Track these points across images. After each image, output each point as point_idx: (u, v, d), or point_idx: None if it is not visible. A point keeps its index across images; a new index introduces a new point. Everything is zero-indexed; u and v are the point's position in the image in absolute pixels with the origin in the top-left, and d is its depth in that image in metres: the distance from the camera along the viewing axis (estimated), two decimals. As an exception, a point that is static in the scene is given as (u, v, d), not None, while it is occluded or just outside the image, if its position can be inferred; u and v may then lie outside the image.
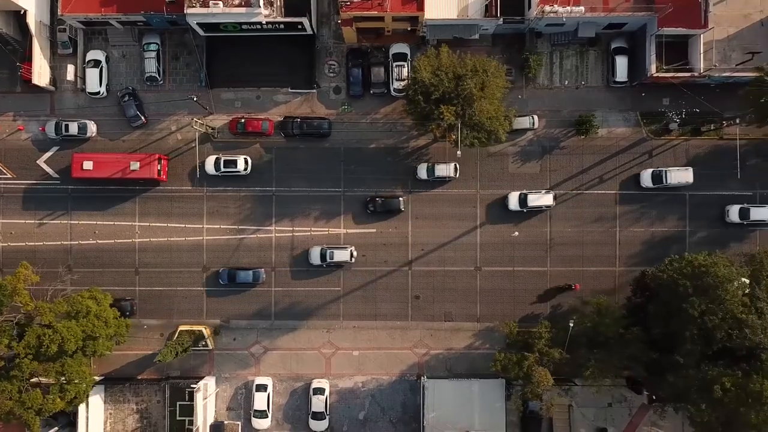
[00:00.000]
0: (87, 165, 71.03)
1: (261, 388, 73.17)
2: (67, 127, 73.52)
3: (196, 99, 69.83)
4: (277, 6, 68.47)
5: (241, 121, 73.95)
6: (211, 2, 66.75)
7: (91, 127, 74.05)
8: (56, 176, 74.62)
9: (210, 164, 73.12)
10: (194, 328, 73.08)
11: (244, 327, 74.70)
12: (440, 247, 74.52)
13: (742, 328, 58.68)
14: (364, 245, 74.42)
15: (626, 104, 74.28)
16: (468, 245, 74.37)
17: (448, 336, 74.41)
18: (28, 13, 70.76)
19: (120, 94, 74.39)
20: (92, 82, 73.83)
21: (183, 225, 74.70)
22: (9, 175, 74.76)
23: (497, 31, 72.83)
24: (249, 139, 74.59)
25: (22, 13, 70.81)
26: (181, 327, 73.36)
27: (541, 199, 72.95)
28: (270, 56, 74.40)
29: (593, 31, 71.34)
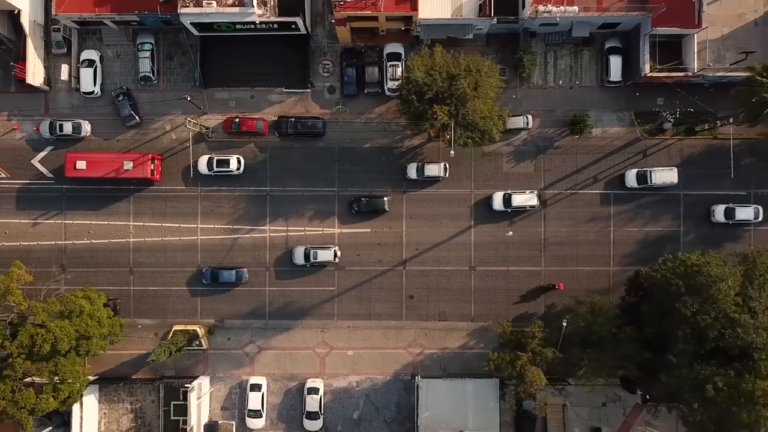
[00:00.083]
0: (80, 164, 70.97)
1: (255, 388, 73.13)
2: (62, 127, 73.43)
3: (190, 99, 69.86)
4: (271, 6, 68.40)
5: (236, 121, 73.94)
6: (205, 2, 66.68)
7: (86, 127, 74.00)
8: (50, 176, 74.53)
9: (203, 164, 73.07)
10: (189, 328, 73.03)
11: (239, 326, 74.67)
12: (434, 247, 74.45)
13: (735, 328, 58.66)
14: (359, 245, 74.41)
15: (620, 104, 74.22)
16: (462, 245, 74.32)
17: (443, 335, 74.40)
18: (22, 13, 70.65)
19: (114, 94, 74.29)
20: (86, 82, 73.69)
21: (177, 225, 74.67)
22: (3, 175, 74.64)
23: (491, 31, 72.81)
24: (243, 139, 74.52)
25: (16, 13, 70.73)
26: (176, 327, 73.28)
27: (525, 199, 72.93)
28: (264, 56, 74.30)
29: (587, 31, 71.24)
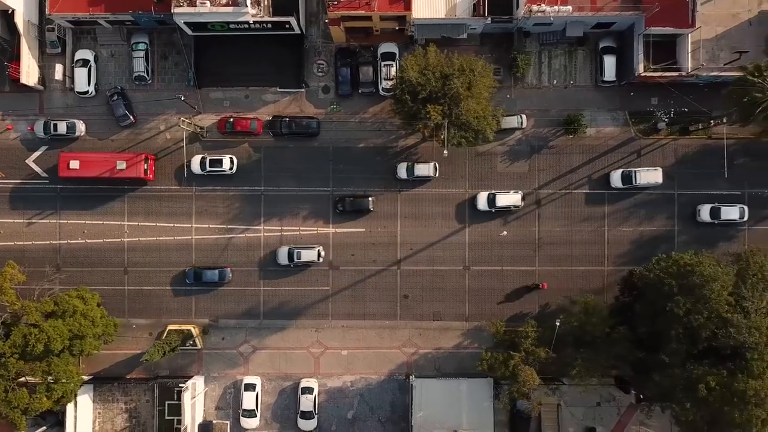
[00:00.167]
0: (73, 164, 70.97)
1: (250, 388, 73.11)
2: (56, 127, 73.39)
3: (184, 98, 69.77)
4: (265, 5, 68.36)
5: (230, 121, 73.91)
6: (198, 1, 66.61)
7: (80, 127, 73.96)
8: (45, 176, 74.49)
9: (196, 164, 73.04)
10: (183, 328, 73.07)
11: (233, 326, 74.66)
12: (429, 247, 74.48)
13: (727, 328, 58.61)
14: (353, 244, 74.40)
15: (615, 104, 74.20)
16: (457, 244, 74.31)
17: (437, 335, 74.40)
18: (16, 13, 70.57)
19: (109, 94, 74.22)
20: (81, 82, 73.66)
21: (172, 224, 74.63)
22: (-2, 175, 74.88)
23: (485, 31, 72.78)
24: (238, 139, 74.49)
25: (10, 13, 70.65)
26: (170, 326, 73.32)
27: (510, 199, 72.87)
28: (259, 56, 74.22)
29: (581, 31, 71.20)
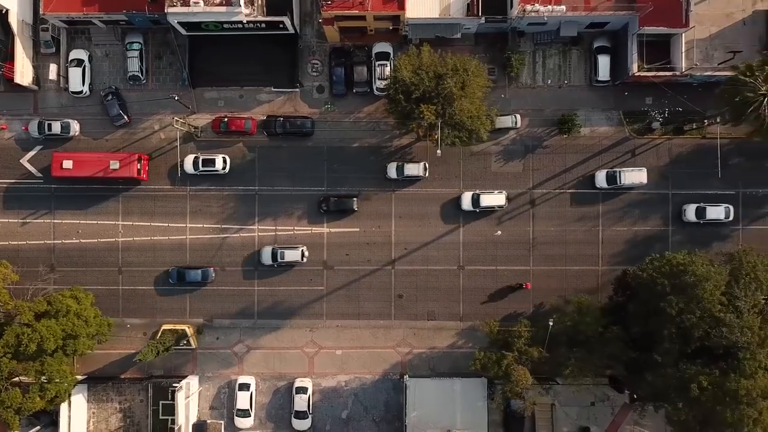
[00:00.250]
0: (67, 164, 70.91)
1: (244, 387, 73.14)
2: (50, 126, 73.37)
3: (178, 98, 69.75)
4: (258, 5, 68.39)
5: (224, 120, 73.91)
6: (192, 1, 66.63)
7: (74, 127, 73.95)
8: (39, 175, 74.38)
9: (189, 163, 73.01)
10: (177, 327, 73.06)
11: (227, 326, 74.66)
12: (423, 246, 74.48)
13: (720, 327, 58.64)
14: (348, 244, 74.40)
15: (609, 103, 74.21)
16: (451, 244, 74.30)
17: (431, 335, 74.40)
18: (10, 12, 70.62)
19: (103, 93, 74.24)
20: (75, 82, 73.64)
21: (166, 224, 74.63)
22: (-8, 174, 74.86)
23: (480, 31, 72.79)
24: (232, 138, 74.46)
25: (4, 12, 70.57)
26: (165, 326, 73.30)
27: (494, 200, 72.87)
28: (253, 55, 74.25)
29: (575, 30, 71.18)
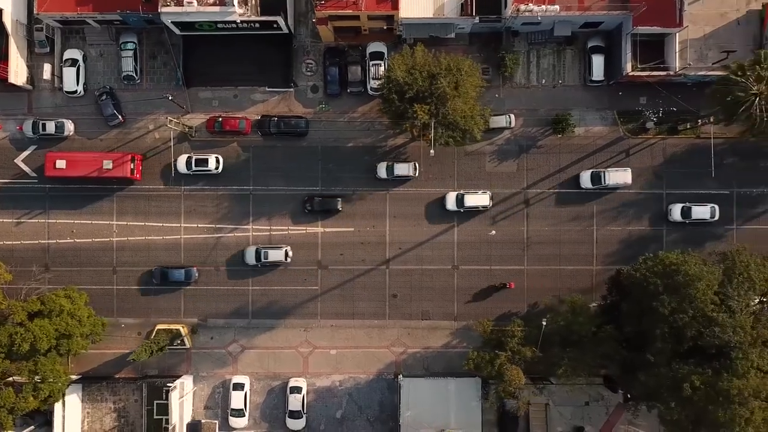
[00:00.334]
0: (60, 164, 70.97)
1: (238, 387, 73.14)
2: (45, 126, 73.41)
3: (171, 98, 69.80)
4: (252, 5, 68.35)
5: (219, 120, 73.90)
6: (185, 1, 66.59)
7: (69, 126, 73.95)
8: (34, 175, 74.42)
9: (182, 163, 73.03)
10: (172, 327, 73.10)
11: (222, 326, 74.66)
12: (417, 246, 74.48)
13: (712, 326, 58.62)
14: (342, 244, 74.39)
15: (603, 103, 74.21)
16: (445, 244, 74.31)
17: (426, 334, 74.41)
18: (4, 12, 70.49)
19: (97, 93, 74.21)
20: (69, 81, 73.68)
21: (160, 224, 74.65)
22: (-13, 174, 74.81)
23: (474, 30, 72.78)
24: (226, 138, 74.47)
25: (-2, 12, 70.88)
26: (159, 326, 73.37)
27: (478, 200, 72.88)
28: (247, 55, 74.28)
29: (569, 30, 71.21)
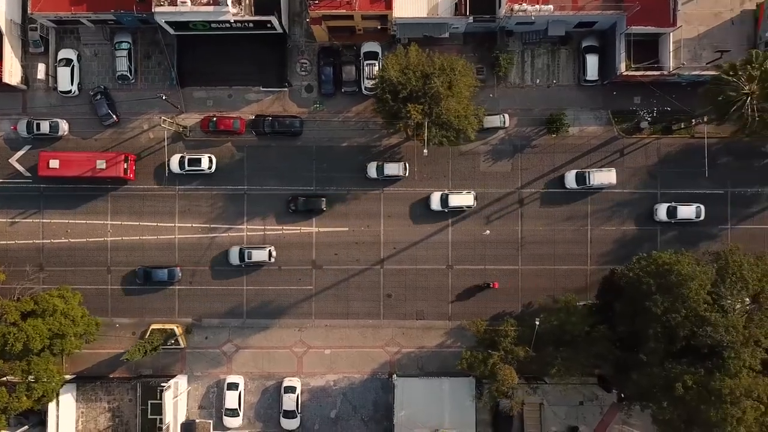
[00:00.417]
0: (53, 163, 70.93)
1: (232, 387, 73.14)
2: (39, 126, 73.37)
3: (165, 97, 69.81)
4: (246, 5, 68.38)
5: (213, 120, 73.91)
6: (179, 1, 66.56)
7: (63, 126, 73.94)
8: (28, 175, 74.34)
9: (175, 163, 73.02)
10: (166, 327, 73.08)
11: (216, 325, 74.64)
12: (412, 246, 74.48)
13: (705, 326, 58.61)
14: (336, 244, 74.41)
15: (597, 103, 74.20)
16: (439, 243, 74.30)
17: (420, 334, 74.39)
18: (-2, 12, 70.82)
19: (92, 93, 74.20)
20: (64, 81, 73.64)
21: (155, 224, 74.64)
22: (-19, 174, 74.75)
23: (468, 30, 72.80)
24: (221, 138, 74.48)
25: (-8, 12, 70.86)
26: (153, 325, 73.34)
27: (462, 200, 72.89)
28: (242, 55, 74.24)
29: (563, 30, 71.21)
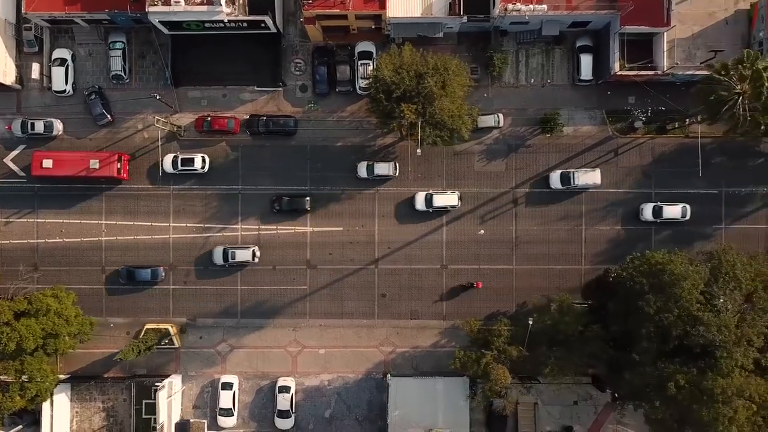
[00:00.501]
0: (47, 163, 70.87)
1: (227, 387, 73.17)
2: (33, 126, 73.34)
3: (159, 97, 69.83)
4: (240, 4, 68.37)
5: (207, 120, 73.90)
6: (173, 0, 66.57)
7: (58, 126, 73.94)
8: (23, 174, 74.30)
9: (168, 163, 72.98)
10: (160, 327, 73.09)
11: (211, 325, 74.65)
12: (406, 246, 74.49)
13: (697, 326, 58.63)
14: (331, 243, 74.40)
15: (592, 102, 74.22)
16: (434, 243, 74.30)
17: (414, 334, 74.41)
18: (-7, 12, 70.90)
19: (86, 93, 74.14)
20: (58, 81, 73.58)
21: (149, 223, 74.65)
22: (-24, 174, 74.76)
23: (462, 30, 72.80)
24: (215, 138, 74.46)
25: (-14, 12, 70.93)
26: (148, 325, 73.35)
27: (446, 200, 72.89)
28: (236, 55, 74.24)
29: (557, 29, 71.10)
